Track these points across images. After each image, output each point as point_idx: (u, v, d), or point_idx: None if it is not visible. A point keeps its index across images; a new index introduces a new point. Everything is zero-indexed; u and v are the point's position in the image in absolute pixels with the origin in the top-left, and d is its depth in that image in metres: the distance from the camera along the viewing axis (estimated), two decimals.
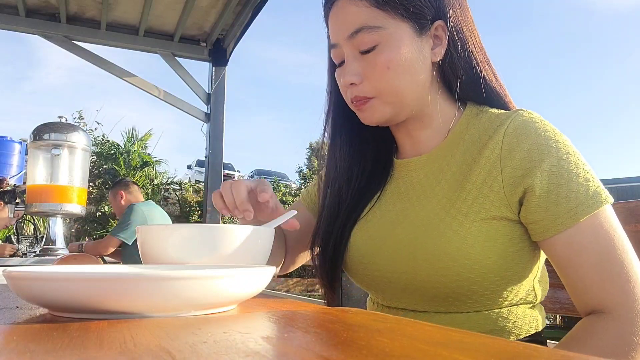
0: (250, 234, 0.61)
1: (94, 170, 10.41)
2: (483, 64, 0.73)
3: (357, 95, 0.72)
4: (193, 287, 0.38)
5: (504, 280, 0.68)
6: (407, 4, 0.69)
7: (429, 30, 0.71)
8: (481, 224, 0.66)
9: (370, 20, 0.69)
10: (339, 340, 0.30)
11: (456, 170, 0.71)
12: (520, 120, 0.68)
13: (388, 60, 0.69)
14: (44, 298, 0.38)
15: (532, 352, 0.26)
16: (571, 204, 0.63)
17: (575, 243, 0.64)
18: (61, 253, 1.58)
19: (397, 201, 0.77)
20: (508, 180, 0.66)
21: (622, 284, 0.62)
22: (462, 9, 0.73)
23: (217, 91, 3.94)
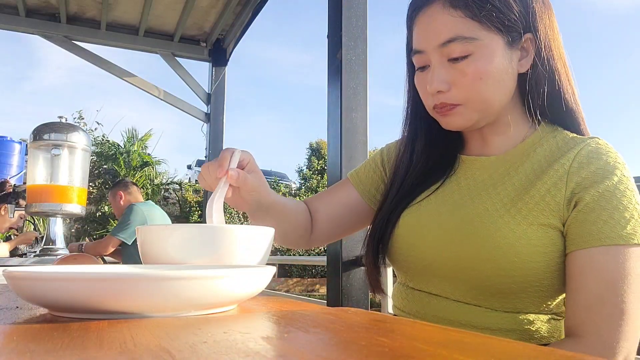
0: (250, 234, 0.61)
1: (94, 170, 10.42)
2: (565, 81, 0.74)
3: (443, 102, 0.73)
4: (193, 287, 0.38)
5: (543, 288, 0.69)
6: (503, 17, 0.70)
7: (519, 42, 0.72)
8: (537, 229, 0.68)
9: (465, 31, 0.70)
10: (339, 340, 0.30)
11: (523, 177, 0.73)
12: (595, 145, 0.71)
13: (481, 71, 0.70)
14: (44, 298, 0.38)
15: (532, 352, 0.26)
16: (606, 228, 0.65)
17: (593, 263, 0.65)
18: (61, 253, 1.58)
19: (455, 193, 0.78)
20: (570, 194, 0.68)
21: (613, 319, 0.64)
22: (550, 22, 0.74)
23: (217, 91, 3.94)
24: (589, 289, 0.65)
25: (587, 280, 0.65)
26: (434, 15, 0.72)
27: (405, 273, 0.82)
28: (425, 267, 0.76)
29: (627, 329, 0.63)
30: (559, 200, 0.68)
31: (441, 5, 0.71)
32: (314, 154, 17.82)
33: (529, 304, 0.70)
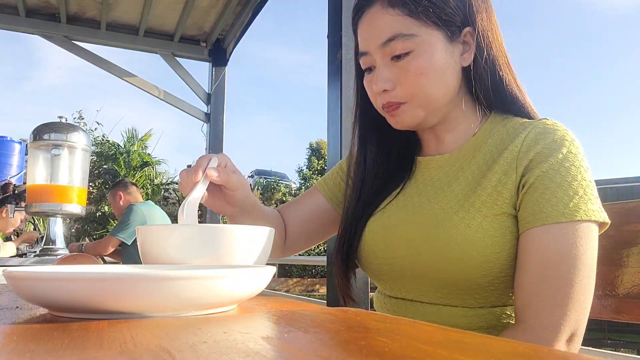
0: (250, 234, 0.61)
1: (94, 170, 10.42)
2: (505, 70, 0.75)
3: (389, 101, 0.74)
4: (193, 287, 0.38)
5: (510, 277, 0.69)
6: (440, 12, 0.71)
7: (459, 36, 0.73)
8: (492, 220, 0.68)
9: (404, 28, 0.70)
10: (339, 340, 0.30)
11: (475, 169, 0.74)
12: (542, 126, 0.71)
13: (422, 67, 0.71)
14: (44, 298, 0.38)
15: (531, 352, 0.26)
16: (547, 207, 0.65)
17: (534, 243, 0.65)
18: (61, 253, 1.58)
19: (414, 196, 0.79)
20: (519, 178, 0.69)
21: (555, 301, 0.63)
22: (488, 15, 0.75)
23: (217, 91, 3.94)
24: (530, 270, 0.65)
25: (529, 261, 0.65)
26: (374, 16, 0.73)
27: (379, 281, 0.82)
28: (396, 273, 0.76)
29: (569, 308, 0.63)
30: (510, 187, 0.69)
31: (380, 5, 0.72)
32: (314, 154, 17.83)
33: (501, 296, 0.70)
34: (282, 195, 15.77)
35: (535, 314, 0.63)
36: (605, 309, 0.79)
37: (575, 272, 0.63)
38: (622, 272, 0.78)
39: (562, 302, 0.63)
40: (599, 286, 0.80)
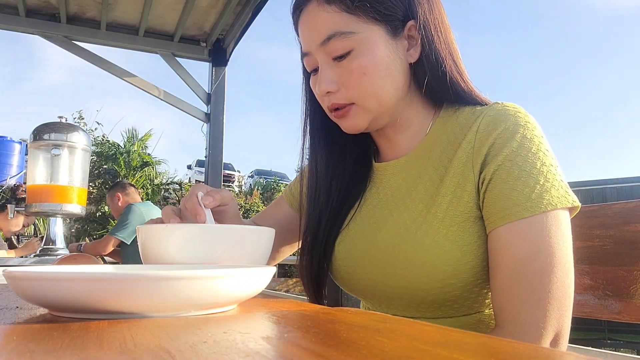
0: (251, 234, 0.61)
1: (94, 170, 10.41)
2: (450, 63, 0.70)
3: (334, 103, 0.70)
4: (193, 287, 0.38)
5: (487, 282, 0.66)
6: (378, 6, 0.67)
7: (402, 31, 0.69)
8: (458, 228, 0.65)
9: (342, 26, 0.67)
10: (339, 340, 0.30)
11: (433, 172, 0.70)
12: (492, 113, 0.67)
13: (364, 66, 0.67)
14: (44, 298, 0.38)
15: (531, 352, 0.26)
16: (509, 203, 0.61)
17: (501, 243, 0.62)
18: (61, 253, 1.58)
19: (376, 208, 0.75)
20: (478, 177, 0.65)
21: (532, 302, 0.59)
22: (430, 6, 0.70)
23: (217, 91, 3.94)
24: (502, 272, 0.61)
25: (499, 263, 0.62)
26: (310, 14, 0.70)
27: (358, 297, 0.80)
28: (371, 291, 0.74)
29: (547, 309, 0.58)
30: (470, 189, 0.66)
31: (316, 2, 0.69)
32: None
33: (482, 300, 0.68)
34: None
35: (513, 318, 0.60)
36: (605, 309, 0.79)
37: (550, 268, 0.59)
38: (622, 272, 0.78)
39: (540, 303, 0.59)
40: (599, 286, 0.80)
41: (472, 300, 0.68)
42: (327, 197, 0.79)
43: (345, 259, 0.76)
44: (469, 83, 0.72)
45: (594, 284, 0.81)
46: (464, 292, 0.66)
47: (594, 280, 0.81)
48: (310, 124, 0.80)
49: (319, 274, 0.79)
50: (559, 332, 0.60)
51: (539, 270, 0.59)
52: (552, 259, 0.59)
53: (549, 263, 0.59)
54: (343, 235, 0.78)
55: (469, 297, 0.67)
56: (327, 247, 0.78)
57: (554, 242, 0.60)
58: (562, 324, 0.60)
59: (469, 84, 0.72)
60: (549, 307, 0.59)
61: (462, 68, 0.72)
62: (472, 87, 0.72)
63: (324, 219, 0.79)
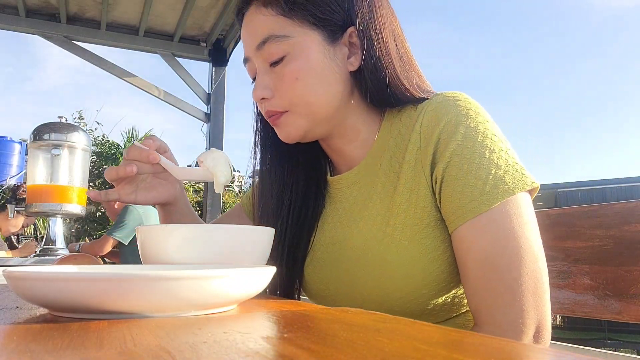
0: (250, 234, 0.61)
1: (94, 170, 10.40)
2: (389, 70, 0.66)
3: (269, 110, 0.68)
4: (193, 287, 0.38)
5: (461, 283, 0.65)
6: (315, 10, 0.65)
7: (341, 37, 0.67)
8: (419, 237, 0.63)
9: (277, 29, 0.65)
10: (339, 340, 0.30)
11: (385, 180, 0.68)
12: (432, 107, 0.64)
13: (296, 70, 0.65)
14: (44, 298, 0.38)
15: (531, 352, 0.26)
16: (464, 199, 0.59)
17: (465, 242, 0.59)
18: (61, 253, 1.58)
19: (337, 225, 0.73)
20: (431, 180, 0.63)
21: (506, 299, 0.57)
22: (372, 11, 0.67)
23: (217, 91, 3.94)
24: (470, 273, 0.59)
25: (466, 262, 0.60)
26: (249, 18, 0.69)
27: None
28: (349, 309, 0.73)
29: (523, 302, 0.56)
30: (424, 193, 0.63)
31: (254, 6, 0.68)
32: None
33: (460, 302, 0.67)
34: None
35: (490, 317, 0.58)
36: (606, 309, 0.79)
37: (518, 260, 0.56)
38: (622, 272, 0.78)
39: (515, 298, 0.56)
40: (599, 286, 0.80)
41: (449, 305, 0.66)
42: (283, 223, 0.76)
43: (316, 282, 0.74)
44: (412, 85, 0.68)
45: (594, 284, 0.81)
46: (438, 299, 0.65)
47: (594, 280, 0.81)
48: (261, 139, 0.78)
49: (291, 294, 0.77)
50: (540, 323, 0.57)
51: (508, 265, 0.57)
52: (519, 250, 0.57)
53: (516, 254, 0.57)
54: (310, 257, 0.75)
55: (446, 302, 0.66)
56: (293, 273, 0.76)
57: (517, 231, 0.57)
58: (541, 314, 0.57)
59: (411, 87, 0.68)
60: (525, 300, 0.56)
61: (405, 73, 0.68)
62: (414, 90, 0.68)
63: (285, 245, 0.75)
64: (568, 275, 0.84)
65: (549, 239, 0.85)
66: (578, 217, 0.84)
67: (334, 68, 0.66)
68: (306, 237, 0.76)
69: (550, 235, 0.85)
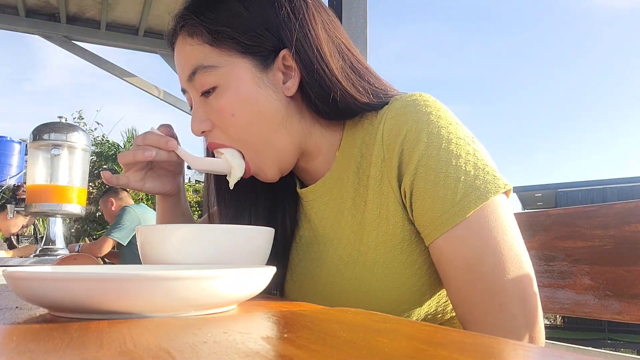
0: (250, 234, 0.61)
1: (94, 170, 10.40)
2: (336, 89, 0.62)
3: (212, 142, 0.66)
4: (193, 287, 0.38)
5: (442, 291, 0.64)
6: (241, 37, 0.62)
7: (273, 63, 0.63)
8: (394, 253, 0.61)
9: (204, 59, 0.63)
10: (339, 340, 0.30)
11: (354, 194, 0.65)
12: (392, 114, 0.61)
13: (230, 105, 0.62)
14: (44, 298, 0.38)
15: (531, 352, 0.26)
16: (436, 213, 0.56)
17: (444, 255, 0.57)
18: (61, 253, 1.58)
19: (313, 241, 0.71)
20: (399, 194, 0.61)
21: (488, 306, 0.55)
22: (305, 30, 0.63)
23: None
24: (454, 285, 0.57)
25: (448, 274, 0.57)
26: (178, 49, 0.67)
27: None
28: None
29: (510, 308, 0.54)
30: (394, 208, 0.61)
31: (182, 37, 0.66)
32: None
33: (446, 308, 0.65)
34: None
35: (479, 326, 0.56)
36: (606, 309, 0.79)
37: (501, 266, 0.55)
38: (622, 272, 0.78)
39: (502, 306, 0.54)
40: (600, 286, 0.80)
41: (434, 312, 0.65)
42: None
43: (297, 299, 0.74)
44: (367, 94, 0.65)
45: (594, 284, 0.80)
46: (421, 309, 0.63)
47: (594, 280, 0.81)
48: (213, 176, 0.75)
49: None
50: (531, 326, 0.55)
51: (492, 272, 0.55)
52: (500, 256, 0.55)
53: (498, 261, 0.55)
54: (290, 273, 0.74)
55: (429, 311, 0.64)
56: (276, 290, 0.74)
57: (497, 237, 0.55)
58: (531, 317, 0.56)
59: (366, 96, 0.64)
60: (512, 305, 0.54)
61: (357, 84, 0.64)
62: (369, 99, 0.65)
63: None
64: (568, 275, 0.84)
65: (549, 239, 0.85)
66: (578, 217, 0.83)
67: (269, 95, 0.63)
68: (284, 259, 0.74)
69: (550, 235, 0.85)
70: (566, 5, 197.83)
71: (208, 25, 0.63)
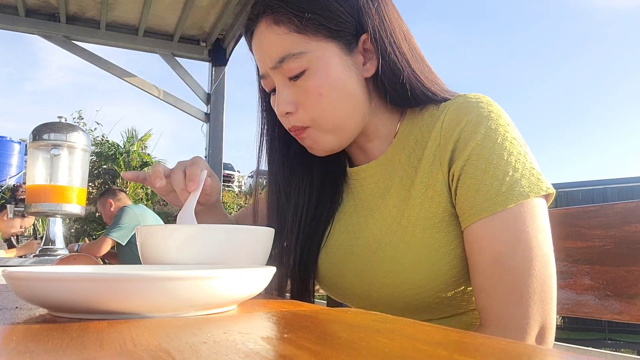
0: (250, 234, 0.61)
1: (93, 170, 10.40)
2: (406, 72, 0.67)
3: (294, 125, 0.69)
4: (193, 288, 0.38)
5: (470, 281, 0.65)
6: (328, 23, 0.65)
7: (356, 46, 0.67)
8: (433, 231, 0.64)
9: (293, 47, 0.65)
10: (339, 340, 0.30)
11: (403, 175, 0.69)
12: (454, 107, 0.65)
13: (319, 86, 0.65)
14: (44, 298, 0.38)
15: (532, 353, 0.26)
16: (479, 198, 0.60)
17: (476, 241, 0.60)
18: (61, 253, 1.58)
19: (353, 214, 0.75)
20: (447, 176, 0.64)
21: (513, 299, 0.57)
22: (380, 16, 0.68)
23: (216, 91, 3.94)
24: (481, 270, 0.60)
25: (477, 261, 0.60)
26: (261, 37, 0.68)
27: (350, 304, 0.80)
28: (356, 300, 0.74)
29: (530, 304, 0.57)
30: (440, 188, 0.64)
31: (265, 24, 0.67)
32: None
33: (469, 299, 0.67)
34: None
35: (496, 317, 0.58)
36: (606, 309, 0.79)
37: (528, 263, 0.57)
38: (622, 272, 0.78)
39: (522, 300, 0.57)
40: (600, 286, 0.80)
41: (458, 300, 0.67)
42: (293, 217, 0.77)
43: (328, 269, 0.76)
44: (432, 86, 0.70)
45: (594, 284, 0.80)
46: (447, 293, 0.65)
47: (594, 280, 0.81)
48: (268, 144, 0.78)
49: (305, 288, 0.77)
50: (544, 326, 0.58)
51: (518, 266, 0.57)
52: (529, 252, 0.58)
53: (527, 257, 0.58)
54: (325, 246, 0.77)
55: (454, 297, 0.66)
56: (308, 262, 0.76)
57: (530, 235, 0.58)
58: (546, 317, 0.58)
59: (431, 87, 0.69)
60: (531, 302, 0.57)
61: (422, 73, 0.69)
62: (435, 90, 0.70)
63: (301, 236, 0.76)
64: (568, 275, 0.84)
65: None
66: (578, 217, 0.83)
67: (352, 77, 0.67)
68: (322, 229, 0.77)
69: (551, 235, 0.85)
70: (563, 5, 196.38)
71: (296, 12, 0.65)
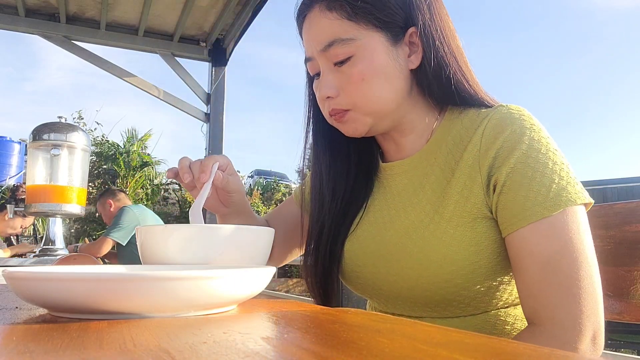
0: (250, 234, 0.61)
1: (93, 170, 10.40)
2: (454, 67, 0.70)
3: (334, 109, 0.71)
4: (193, 288, 0.38)
5: (495, 282, 0.67)
6: (378, 13, 0.68)
7: (403, 38, 0.70)
8: (465, 229, 0.66)
9: (343, 32, 0.68)
10: (339, 340, 0.30)
11: (439, 174, 0.71)
12: (497, 116, 0.67)
13: (363, 72, 0.68)
14: (44, 298, 0.38)
15: (532, 352, 0.26)
16: (528, 204, 0.61)
17: (526, 245, 0.61)
18: (61, 253, 1.58)
19: (384, 208, 0.76)
20: (485, 179, 0.65)
21: (567, 300, 0.59)
22: (431, 11, 0.70)
23: (216, 91, 3.93)
24: (529, 274, 0.61)
25: (526, 264, 0.62)
26: (313, 20, 0.71)
27: (366, 297, 0.80)
28: (379, 291, 0.74)
29: (583, 304, 0.58)
30: (477, 191, 0.66)
31: (318, 9, 0.70)
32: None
33: (489, 300, 0.68)
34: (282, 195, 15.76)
35: (551, 318, 0.59)
36: (606, 309, 0.79)
37: (577, 265, 0.59)
38: (622, 272, 0.78)
39: (575, 300, 0.59)
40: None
41: (479, 301, 0.68)
42: (332, 198, 0.79)
43: (352, 259, 0.77)
44: (475, 86, 0.72)
45: None
46: (470, 292, 0.66)
47: None
48: (313, 127, 0.81)
49: (325, 276, 0.78)
50: (597, 327, 0.59)
51: (568, 268, 0.59)
52: (577, 255, 0.60)
53: (575, 259, 0.59)
54: (351, 237, 0.78)
55: (476, 297, 0.67)
56: (333, 248, 0.78)
57: (576, 239, 0.60)
58: (597, 319, 0.60)
59: (474, 87, 0.72)
60: (584, 302, 0.59)
61: (467, 72, 0.72)
62: (477, 90, 0.72)
63: (329, 220, 0.79)
64: None
65: None
66: None
67: (396, 67, 0.69)
68: (351, 216, 0.79)
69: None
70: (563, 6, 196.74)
71: (351, 2, 0.68)
